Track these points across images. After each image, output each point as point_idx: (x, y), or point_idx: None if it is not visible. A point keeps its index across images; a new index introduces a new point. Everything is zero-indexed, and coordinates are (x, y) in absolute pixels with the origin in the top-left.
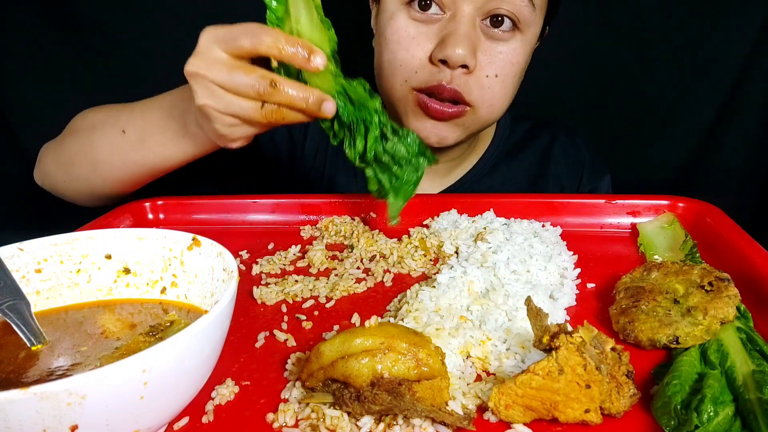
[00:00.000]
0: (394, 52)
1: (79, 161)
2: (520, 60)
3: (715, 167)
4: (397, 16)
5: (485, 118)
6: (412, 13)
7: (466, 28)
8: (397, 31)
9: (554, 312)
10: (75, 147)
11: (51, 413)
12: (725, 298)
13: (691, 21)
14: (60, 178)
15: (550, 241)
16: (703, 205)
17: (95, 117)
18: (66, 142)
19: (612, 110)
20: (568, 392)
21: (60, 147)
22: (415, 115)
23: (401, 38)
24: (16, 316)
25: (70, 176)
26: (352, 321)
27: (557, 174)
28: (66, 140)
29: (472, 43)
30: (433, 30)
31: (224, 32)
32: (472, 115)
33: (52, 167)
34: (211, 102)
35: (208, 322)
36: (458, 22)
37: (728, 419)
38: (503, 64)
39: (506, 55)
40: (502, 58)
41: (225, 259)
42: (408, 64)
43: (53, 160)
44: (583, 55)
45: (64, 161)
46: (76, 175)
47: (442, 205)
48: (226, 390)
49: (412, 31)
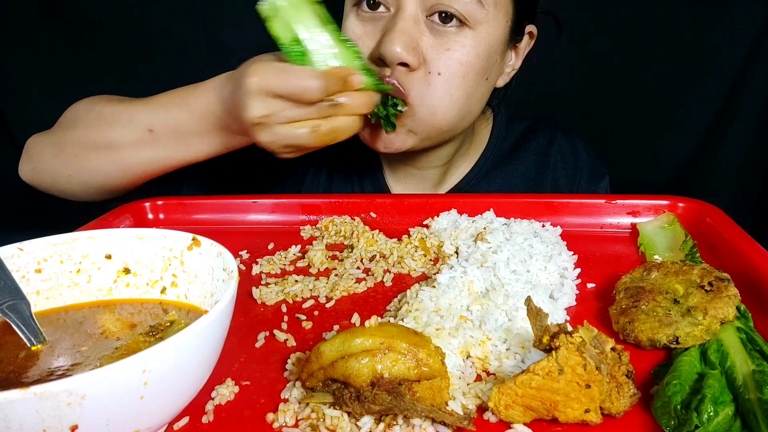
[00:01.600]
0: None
1: (96, 155)
2: (471, 60)
3: (715, 167)
4: (349, 17)
5: (428, 121)
6: (360, 13)
7: (405, 24)
8: (347, 33)
9: (554, 312)
10: (87, 139)
11: (51, 413)
12: (725, 298)
13: (691, 21)
14: (64, 171)
15: (550, 241)
16: (703, 205)
17: (103, 110)
18: (71, 136)
19: (612, 110)
20: (568, 392)
21: (62, 139)
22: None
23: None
24: (16, 316)
25: (79, 168)
26: (352, 321)
27: (555, 179)
28: (69, 134)
29: (412, 39)
30: (378, 28)
31: (278, 84)
32: (412, 117)
33: (50, 161)
34: (276, 140)
35: (208, 322)
36: (398, 17)
37: (728, 419)
38: (450, 62)
39: (453, 53)
40: (449, 55)
41: (225, 259)
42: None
43: (54, 155)
44: (583, 55)
45: (73, 155)
46: (86, 168)
47: (442, 205)
48: (226, 390)
49: (358, 30)
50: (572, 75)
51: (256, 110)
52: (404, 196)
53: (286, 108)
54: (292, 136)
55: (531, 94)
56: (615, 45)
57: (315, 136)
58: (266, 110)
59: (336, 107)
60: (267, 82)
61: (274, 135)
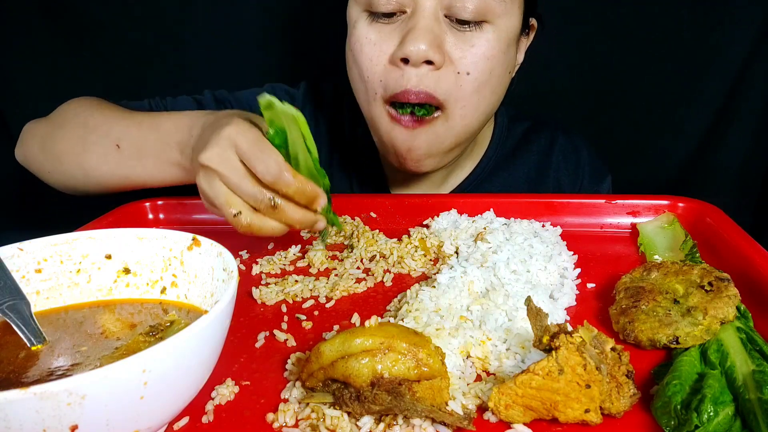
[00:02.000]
0: (359, 63)
1: (68, 160)
2: (495, 54)
3: (715, 167)
4: (359, 24)
5: (459, 124)
6: (374, 19)
7: (427, 21)
8: (359, 39)
9: (554, 312)
10: (65, 144)
11: (51, 413)
12: (725, 298)
13: (691, 21)
14: (46, 167)
15: (550, 241)
16: (703, 205)
17: (89, 117)
18: (56, 135)
19: (612, 110)
20: (568, 392)
21: (49, 137)
22: (392, 127)
23: (363, 46)
24: (16, 316)
25: (55, 169)
26: (352, 321)
27: (557, 179)
28: (56, 133)
29: (436, 37)
30: (395, 30)
31: (247, 146)
32: (444, 122)
33: (38, 154)
34: (210, 192)
35: (208, 322)
36: (418, 16)
37: (728, 419)
38: (477, 59)
39: (478, 49)
40: (474, 53)
41: (225, 259)
42: (372, 74)
43: (40, 148)
44: (582, 54)
45: (52, 154)
46: (62, 171)
47: (442, 205)
48: (226, 390)
49: (373, 36)
50: (572, 75)
51: (213, 155)
52: (404, 196)
53: (236, 171)
54: (220, 204)
55: (531, 94)
56: (615, 45)
57: (235, 220)
58: (220, 161)
59: (275, 208)
60: (239, 138)
61: (210, 187)
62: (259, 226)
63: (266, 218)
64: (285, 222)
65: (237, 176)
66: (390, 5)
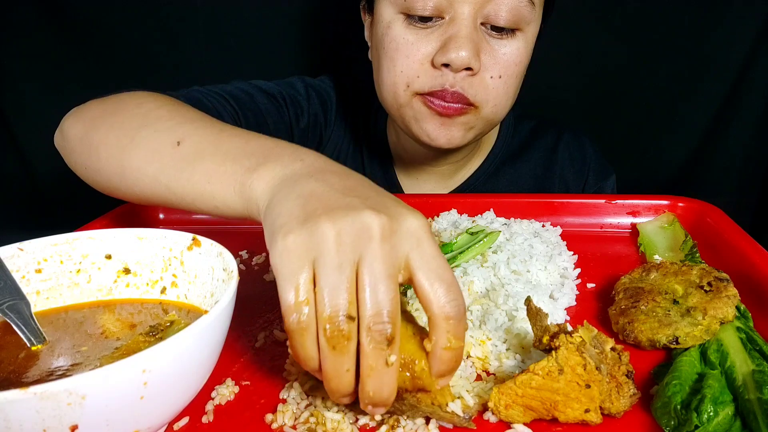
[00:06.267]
0: (394, 59)
1: (108, 155)
2: (523, 59)
3: (715, 167)
4: (394, 25)
5: (490, 118)
6: (409, 19)
7: (467, 30)
8: (395, 39)
9: (554, 312)
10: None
11: (51, 413)
12: (724, 298)
13: (691, 21)
14: (81, 160)
15: (550, 241)
16: (703, 205)
17: (154, 110)
18: (105, 123)
19: (611, 110)
20: (568, 392)
21: (95, 124)
22: (423, 118)
23: (400, 45)
24: (16, 316)
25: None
26: None
27: (563, 175)
28: (105, 120)
29: (476, 45)
30: (433, 34)
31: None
32: (476, 115)
33: (77, 142)
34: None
35: (208, 322)
36: (459, 24)
37: (728, 419)
38: (507, 64)
39: (509, 56)
40: (506, 59)
41: (225, 259)
42: (409, 69)
43: (83, 135)
44: (582, 55)
45: (91, 144)
46: (97, 168)
47: (442, 205)
48: (226, 390)
49: (411, 38)
50: (572, 75)
51: (293, 276)
52: (404, 196)
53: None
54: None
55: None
56: (615, 45)
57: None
58: (305, 291)
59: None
60: (424, 243)
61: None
62: (334, 387)
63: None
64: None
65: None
66: (428, 10)
